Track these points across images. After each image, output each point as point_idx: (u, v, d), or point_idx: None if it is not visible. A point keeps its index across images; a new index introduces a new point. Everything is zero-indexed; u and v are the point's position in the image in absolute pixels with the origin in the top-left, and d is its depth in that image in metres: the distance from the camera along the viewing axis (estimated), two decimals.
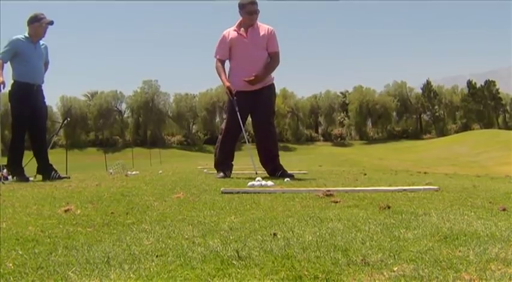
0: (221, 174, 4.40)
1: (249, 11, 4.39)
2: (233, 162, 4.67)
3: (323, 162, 16.47)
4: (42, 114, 5.08)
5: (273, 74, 4.63)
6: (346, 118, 71.73)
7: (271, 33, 4.46)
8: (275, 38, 4.48)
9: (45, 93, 5.04)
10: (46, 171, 4.93)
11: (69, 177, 5.08)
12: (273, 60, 4.48)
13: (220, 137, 4.66)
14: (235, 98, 4.38)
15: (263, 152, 4.61)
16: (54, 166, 5.05)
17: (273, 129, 4.68)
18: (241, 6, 4.43)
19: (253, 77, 4.34)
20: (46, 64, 5.13)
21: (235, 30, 4.49)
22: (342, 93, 75.62)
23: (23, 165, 4.97)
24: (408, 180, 4.42)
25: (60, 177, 4.89)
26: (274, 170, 4.54)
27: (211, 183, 3.58)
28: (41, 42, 5.00)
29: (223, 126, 4.67)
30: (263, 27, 4.46)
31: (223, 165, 4.54)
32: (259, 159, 4.68)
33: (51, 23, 4.92)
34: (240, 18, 4.50)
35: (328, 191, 2.70)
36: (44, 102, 5.12)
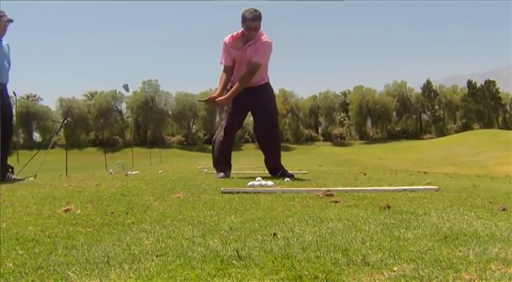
0: (221, 174, 4.40)
1: (247, 27, 4.18)
2: (232, 162, 4.67)
3: (323, 162, 16.48)
4: (8, 115, 4.80)
5: (269, 74, 4.57)
6: (346, 118, 71.73)
7: (264, 43, 4.21)
8: (264, 49, 4.22)
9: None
10: (3, 171, 4.73)
11: (30, 178, 4.87)
12: (251, 72, 4.20)
13: (217, 136, 4.63)
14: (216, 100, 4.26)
15: (265, 152, 4.64)
16: (13, 168, 4.85)
17: (275, 132, 4.63)
18: (242, 20, 4.20)
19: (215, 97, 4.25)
20: (8, 64, 4.89)
21: (235, 39, 4.32)
22: (342, 93, 75.63)
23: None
24: (408, 180, 4.42)
25: (15, 180, 4.66)
26: (275, 170, 4.55)
27: (211, 183, 3.58)
28: (5, 42, 4.83)
29: (222, 124, 4.64)
30: (260, 40, 4.22)
31: (223, 165, 4.54)
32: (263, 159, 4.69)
33: (11, 20, 4.72)
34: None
35: (328, 191, 2.71)
36: (10, 103, 4.94)
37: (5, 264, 1.28)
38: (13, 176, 4.81)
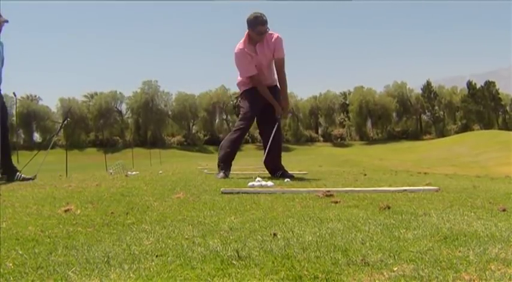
0: (221, 174, 4.40)
1: (258, 32, 4.34)
2: (232, 163, 4.67)
3: (323, 163, 16.50)
4: (3, 116, 4.77)
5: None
6: (346, 119, 71.75)
7: (277, 39, 4.44)
8: (281, 44, 4.48)
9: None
10: (8, 172, 4.77)
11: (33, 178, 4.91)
12: (281, 68, 4.53)
13: (229, 136, 4.62)
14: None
15: (267, 152, 4.64)
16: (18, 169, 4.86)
17: (279, 132, 4.64)
18: (251, 25, 4.32)
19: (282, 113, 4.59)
20: (2, 63, 4.85)
21: (244, 47, 4.42)
22: (342, 93, 75.62)
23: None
24: (408, 180, 4.42)
25: (25, 178, 4.72)
26: (275, 170, 4.56)
27: (211, 183, 3.58)
28: None
29: (237, 124, 4.64)
30: (270, 36, 4.42)
31: (225, 164, 4.54)
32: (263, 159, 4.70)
33: (7, 21, 4.69)
34: (246, 31, 4.40)
35: (328, 191, 2.70)
36: (5, 105, 4.90)
37: (5, 264, 1.28)
38: (22, 175, 4.81)
